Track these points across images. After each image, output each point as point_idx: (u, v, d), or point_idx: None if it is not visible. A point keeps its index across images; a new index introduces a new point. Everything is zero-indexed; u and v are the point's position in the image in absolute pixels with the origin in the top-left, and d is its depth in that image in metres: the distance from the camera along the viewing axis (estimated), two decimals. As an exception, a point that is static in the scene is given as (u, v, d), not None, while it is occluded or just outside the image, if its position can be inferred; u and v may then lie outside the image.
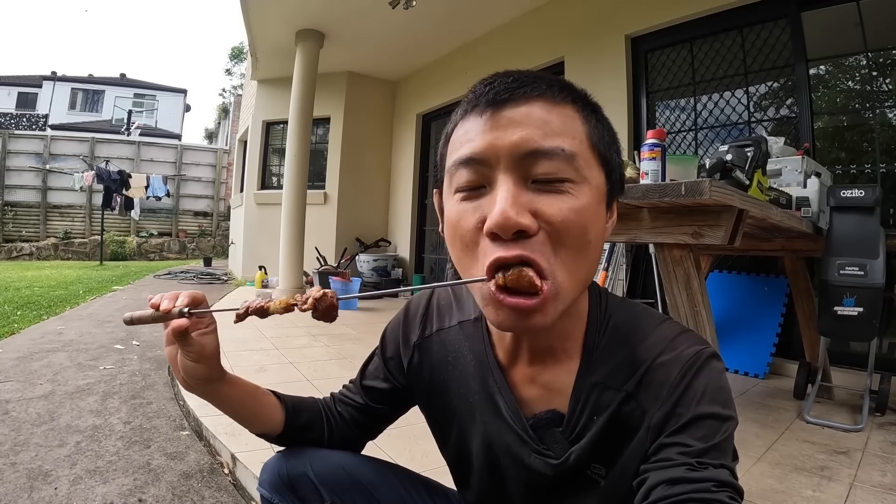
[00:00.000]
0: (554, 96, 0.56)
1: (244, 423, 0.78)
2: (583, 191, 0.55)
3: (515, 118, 0.54)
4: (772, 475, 1.81)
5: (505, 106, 0.55)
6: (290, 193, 5.98)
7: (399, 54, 6.69)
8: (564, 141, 0.54)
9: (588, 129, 0.57)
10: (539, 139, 0.53)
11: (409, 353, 0.80)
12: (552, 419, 0.66)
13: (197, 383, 0.68)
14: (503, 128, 0.54)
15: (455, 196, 0.58)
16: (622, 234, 1.50)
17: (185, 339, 0.64)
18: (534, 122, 0.54)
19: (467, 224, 0.56)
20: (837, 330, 2.33)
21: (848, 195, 2.37)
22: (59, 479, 1.72)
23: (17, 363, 3.12)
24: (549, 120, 0.55)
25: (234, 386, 0.75)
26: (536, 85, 0.56)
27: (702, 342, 0.62)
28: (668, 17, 3.91)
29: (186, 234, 15.05)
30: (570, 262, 0.54)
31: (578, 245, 0.54)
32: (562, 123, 0.55)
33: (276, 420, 0.79)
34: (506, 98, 0.55)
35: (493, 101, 0.56)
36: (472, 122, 0.57)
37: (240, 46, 22.69)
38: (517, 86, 0.56)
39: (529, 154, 0.53)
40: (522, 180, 0.54)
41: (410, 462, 0.91)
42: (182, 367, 0.66)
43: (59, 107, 21.29)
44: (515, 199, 0.52)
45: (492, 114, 0.55)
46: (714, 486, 0.50)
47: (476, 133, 0.56)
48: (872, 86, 3.16)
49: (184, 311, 0.62)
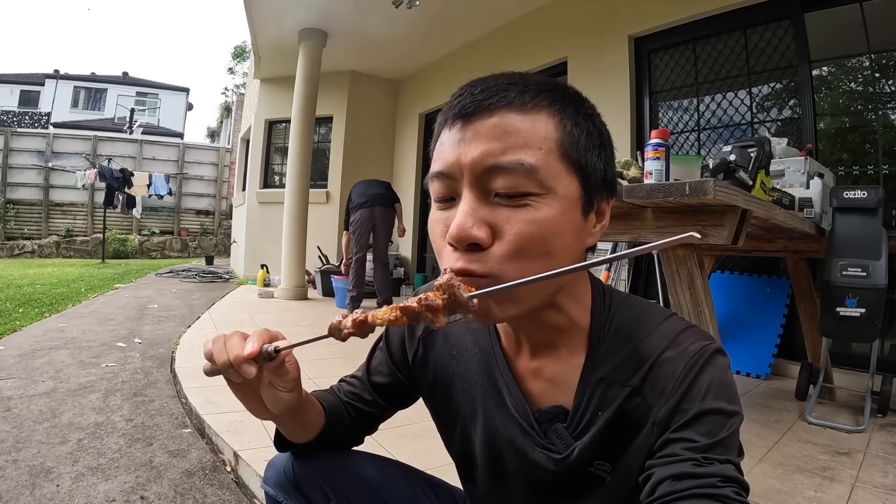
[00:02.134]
0: (524, 104, 0.56)
1: (296, 436, 0.76)
2: (545, 202, 0.55)
3: (480, 131, 0.55)
4: (774, 475, 1.81)
5: (471, 119, 0.56)
6: (292, 192, 5.99)
7: (402, 54, 6.69)
8: (527, 153, 0.54)
9: (561, 135, 0.56)
10: (498, 154, 0.54)
11: (413, 347, 0.80)
12: (557, 414, 0.66)
13: (285, 410, 0.64)
14: (468, 142, 0.55)
15: (434, 204, 0.61)
16: (625, 233, 1.50)
17: (280, 374, 0.61)
18: (496, 134, 0.55)
19: (437, 231, 0.59)
20: (839, 331, 2.33)
21: (851, 196, 2.36)
22: (61, 476, 1.73)
23: (19, 360, 3.12)
24: (514, 130, 0.55)
25: (308, 401, 0.73)
26: (505, 94, 0.56)
27: (707, 338, 0.62)
28: (671, 18, 3.91)
29: (188, 233, 15.07)
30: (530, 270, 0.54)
31: (538, 255, 0.55)
32: (528, 134, 0.55)
33: (318, 429, 0.77)
34: (471, 111, 0.56)
35: (461, 114, 0.57)
36: (445, 135, 0.59)
37: (243, 45, 22.73)
38: (484, 97, 0.56)
39: (488, 170, 0.54)
40: (484, 194, 0.55)
41: (413, 460, 0.91)
42: (273, 400, 0.62)
43: (61, 105, 21.31)
44: (473, 213, 0.54)
45: (460, 127, 0.57)
46: (720, 481, 0.50)
47: (447, 147, 0.57)
48: (875, 87, 3.16)
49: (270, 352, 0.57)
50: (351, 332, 0.54)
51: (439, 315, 0.50)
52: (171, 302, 5.78)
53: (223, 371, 0.57)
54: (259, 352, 0.56)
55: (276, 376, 0.61)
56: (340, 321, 0.54)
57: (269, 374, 0.60)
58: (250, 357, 0.56)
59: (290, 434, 0.76)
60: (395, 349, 0.82)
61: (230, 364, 0.56)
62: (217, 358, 0.57)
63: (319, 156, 7.45)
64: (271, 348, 0.57)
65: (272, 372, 0.60)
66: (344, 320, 0.54)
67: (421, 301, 0.50)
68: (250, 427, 2.08)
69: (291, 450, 0.80)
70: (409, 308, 0.50)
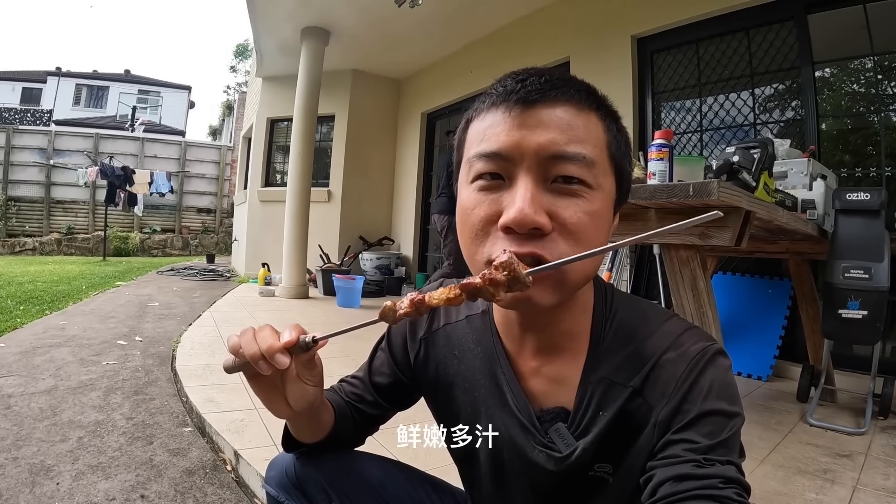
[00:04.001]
0: (581, 102, 0.58)
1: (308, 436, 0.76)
2: (596, 196, 0.57)
3: (544, 120, 0.56)
4: (775, 477, 1.81)
5: (535, 106, 0.56)
6: (293, 191, 5.99)
7: (404, 53, 6.68)
8: (587, 148, 0.56)
9: (609, 137, 0.60)
10: (564, 144, 0.55)
11: (415, 348, 0.79)
12: (558, 414, 0.66)
13: (308, 406, 0.64)
14: (531, 128, 0.56)
15: (472, 185, 0.59)
16: (628, 234, 1.49)
17: (310, 366, 0.62)
18: (561, 125, 0.56)
19: (481, 213, 0.58)
20: (841, 333, 2.33)
21: (853, 198, 2.36)
22: (60, 474, 1.73)
23: (20, 358, 3.13)
24: (574, 125, 0.56)
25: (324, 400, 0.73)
26: (566, 89, 0.58)
27: (708, 338, 0.62)
28: (674, 18, 3.90)
29: (189, 231, 15.07)
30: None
31: (588, 246, 0.56)
32: (586, 130, 0.57)
33: (328, 429, 0.76)
34: (536, 98, 0.56)
35: (524, 100, 0.57)
36: (500, 117, 0.58)
37: (245, 44, 22.78)
38: (549, 87, 0.57)
39: (553, 157, 0.55)
40: (542, 180, 0.56)
41: (414, 460, 0.91)
42: (298, 396, 0.62)
43: (63, 102, 21.33)
44: (534, 198, 0.54)
45: (521, 111, 0.57)
46: (721, 482, 0.50)
47: (503, 129, 0.57)
48: (878, 89, 3.15)
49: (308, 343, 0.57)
50: (407, 313, 0.54)
51: (500, 290, 0.51)
52: (172, 300, 5.78)
53: (253, 362, 0.56)
54: (296, 341, 0.56)
55: (305, 369, 0.61)
56: (395, 303, 0.54)
57: (299, 367, 0.60)
58: (287, 346, 0.55)
59: (301, 434, 0.75)
60: (396, 350, 0.82)
61: (261, 355, 0.55)
62: (247, 349, 0.56)
63: (321, 154, 7.45)
64: (308, 338, 0.57)
65: (303, 364, 0.60)
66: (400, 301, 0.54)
67: (485, 276, 0.51)
68: (251, 426, 2.08)
69: (299, 450, 0.79)
70: (470, 285, 0.52)
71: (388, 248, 7.47)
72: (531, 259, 0.54)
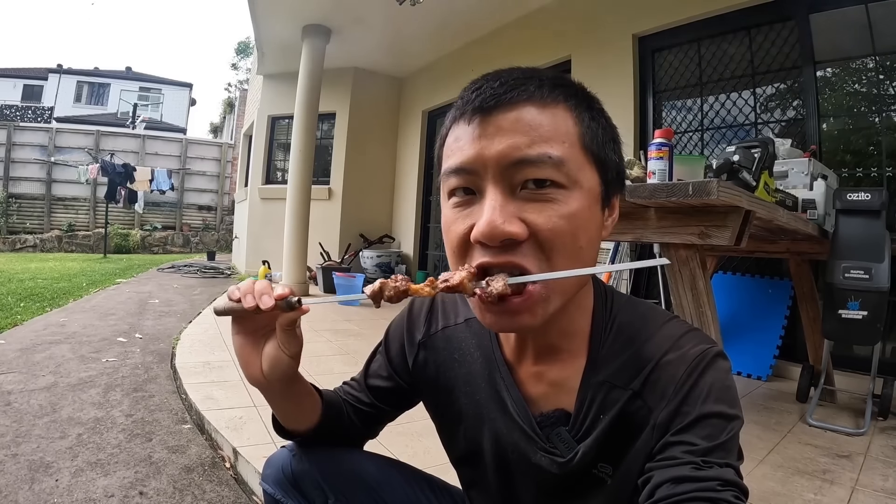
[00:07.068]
0: (544, 97, 0.56)
1: (292, 421, 0.76)
2: (573, 196, 0.55)
3: (503, 125, 0.54)
4: (773, 478, 1.81)
5: (492, 113, 0.55)
6: (294, 188, 5.99)
7: (405, 51, 6.67)
8: (552, 147, 0.54)
9: (580, 129, 0.57)
10: (525, 147, 0.53)
11: (414, 351, 0.79)
12: (559, 418, 0.65)
13: (281, 378, 0.65)
14: (490, 136, 0.54)
15: (449, 201, 0.59)
16: (628, 233, 1.49)
17: (293, 331, 0.62)
18: (521, 128, 0.54)
19: (457, 230, 0.57)
20: (841, 333, 2.32)
21: (854, 198, 2.35)
22: (60, 470, 1.73)
23: (20, 355, 3.13)
24: (537, 124, 0.54)
25: (304, 383, 0.73)
26: (525, 87, 0.55)
27: (708, 341, 0.62)
28: (675, 17, 3.90)
29: (190, 228, 15.08)
30: (563, 266, 0.54)
31: (569, 250, 0.55)
32: (551, 127, 0.55)
33: (315, 419, 0.77)
34: (492, 105, 0.55)
35: (480, 108, 0.55)
36: (462, 130, 0.57)
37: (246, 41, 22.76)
38: (504, 90, 0.55)
39: (516, 163, 0.53)
40: (510, 189, 0.54)
41: (413, 459, 0.91)
42: (273, 362, 0.63)
43: (64, 99, 21.31)
44: (503, 209, 0.53)
45: (479, 121, 0.55)
46: (719, 485, 0.50)
47: (465, 142, 0.56)
48: (879, 89, 3.14)
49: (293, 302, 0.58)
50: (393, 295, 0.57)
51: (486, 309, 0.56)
52: (173, 297, 5.78)
53: (242, 296, 0.58)
54: (285, 296, 0.58)
55: (285, 335, 0.62)
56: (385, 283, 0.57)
57: (280, 330, 0.61)
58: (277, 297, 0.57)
59: (285, 417, 0.76)
60: (394, 354, 0.82)
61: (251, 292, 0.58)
62: (242, 289, 0.59)
63: (322, 152, 7.44)
64: (294, 299, 0.58)
65: (283, 327, 0.61)
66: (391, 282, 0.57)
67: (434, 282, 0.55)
68: (250, 423, 2.08)
69: (291, 438, 0.79)
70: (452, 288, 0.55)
71: (389, 246, 7.47)
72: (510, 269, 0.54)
